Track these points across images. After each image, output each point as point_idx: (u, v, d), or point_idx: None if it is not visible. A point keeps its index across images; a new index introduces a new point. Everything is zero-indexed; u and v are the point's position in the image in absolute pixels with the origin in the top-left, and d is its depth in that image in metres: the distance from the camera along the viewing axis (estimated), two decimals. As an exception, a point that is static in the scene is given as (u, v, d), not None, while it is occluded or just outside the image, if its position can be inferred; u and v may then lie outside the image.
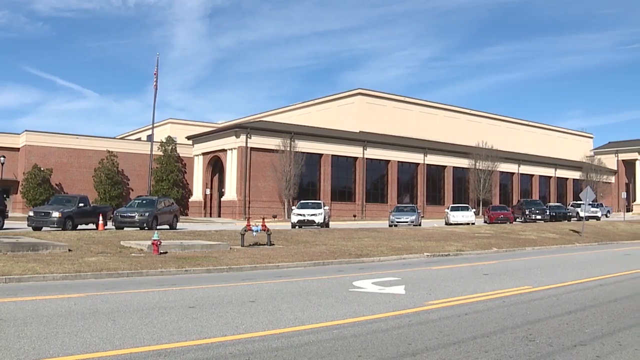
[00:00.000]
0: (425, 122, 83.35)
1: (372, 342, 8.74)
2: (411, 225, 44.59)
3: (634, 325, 10.56)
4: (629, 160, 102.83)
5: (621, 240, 43.46)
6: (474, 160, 76.76)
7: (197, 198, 70.13)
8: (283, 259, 22.04)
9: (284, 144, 62.22)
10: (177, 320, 10.17)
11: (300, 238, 30.21)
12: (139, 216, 33.21)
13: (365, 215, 68.35)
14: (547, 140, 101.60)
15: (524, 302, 12.94)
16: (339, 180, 69.36)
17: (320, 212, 41.80)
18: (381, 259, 24.40)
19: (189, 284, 15.48)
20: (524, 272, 19.86)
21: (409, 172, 75.99)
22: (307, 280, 16.80)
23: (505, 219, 52.52)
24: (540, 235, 39.61)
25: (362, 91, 79.52)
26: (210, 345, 8.35)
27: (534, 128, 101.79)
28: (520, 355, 8.18)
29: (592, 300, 13.48)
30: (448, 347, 8.57)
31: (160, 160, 68.32)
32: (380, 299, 13.12)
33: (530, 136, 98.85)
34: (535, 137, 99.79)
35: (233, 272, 19.00)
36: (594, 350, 8.54)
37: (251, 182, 62.02)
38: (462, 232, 38.49)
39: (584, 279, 17.69)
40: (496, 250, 30.39)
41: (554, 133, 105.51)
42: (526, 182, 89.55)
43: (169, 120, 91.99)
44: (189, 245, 23.83)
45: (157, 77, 52.18)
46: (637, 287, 16.02)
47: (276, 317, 10.64)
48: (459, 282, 16.53)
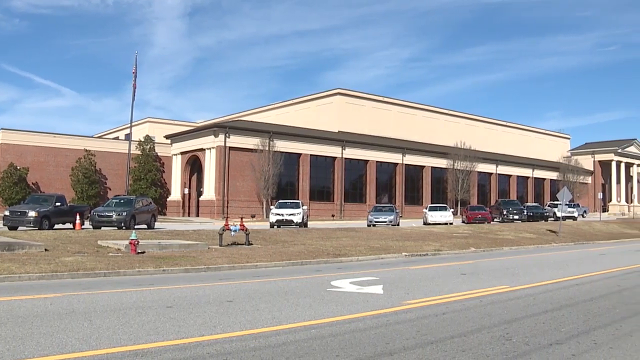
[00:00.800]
0: (404, 122, 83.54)
1: (350, 342, 8.75)
2: (389, 225, 44.70)
3: (609, 324, 10.66)
4: (605, 161, 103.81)
5: (597, 240, 43.86)
6: (453, 160, 77.07)
7: (176, 197, 69.85)
8: (261, 258, 22.01)
9: (262, 144, 62.10)
10: (154, 320, 10.13)
11: (279, 238, 30.19)
12: (117, 215, 32.99)
13: (343, 215, 68.40)
14: (525, 141, 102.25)
15: (501, 302, 13.01)
16: (318, 180, 69.39)
17: (299, 211, 41.78)
18: (359, 258, 24.43)
19: (166, 283, 15.42)
20: (502, 272, 19.98)
21: (388, 172, 76.16)
22: (285, 280, 16.79)
23: (483, 219, 52.77)
24: (517, 235, 39.87)
25: (341, 91, 79.54)
26: (188, 345, 8.32)
27: (512, 129, 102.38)
28: (497, 354, 8.23)
29: (569, 299, 13.59)
30: (426, 346, 8.60)
31: (138, 160, 67.94)
32: (358, 298, 13.14)
33: (508, 137, 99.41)
34: (513, 138, 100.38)
35: (211, 272, 18.94)
36: (570, 349, 8.61)
37: (230, 181, 61.86)
38: (440, 232, 38.65)
39: (561, 279, 17.83)
40: (474, 250, 30.54)
41: (531, 134, 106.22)
42: (504, 182, 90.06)
43: (148, 119, 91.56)
44: (167, 245, 23.74)
45: (135, 76, 51.89)
46: (612, 287, 16.17)
47: (254, 317, 10.62)
48: (437, 282, 16.60)
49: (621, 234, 51.31)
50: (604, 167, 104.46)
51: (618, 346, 8.94)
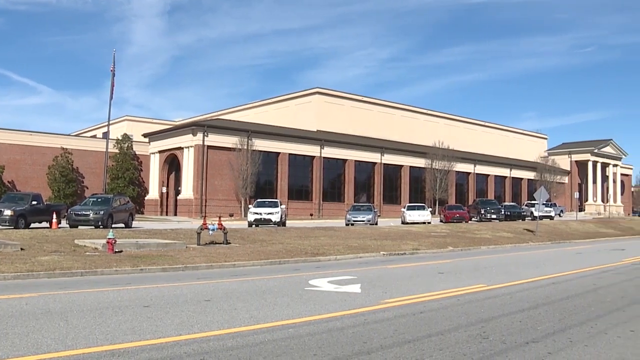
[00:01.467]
0: (382, 121, 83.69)
1: (327, 341, 8.76)
2: (368, 224, 44.78)
3: (585, 322, 10.75)
4: (581, 161, 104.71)
5: (574, 239, 44.22)
6: (431, 160, 77.32)
7: (153, 196, 69.51)
8: (239, 257, 21.97)
9: (241, 143, 61.97)
10: (131, 319, 10.08)
11: (257, 237, 30.15)
12: (94, 214, 32.80)
13: (322, 214, 68.41)
14: (502, 141, 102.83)
15: (479, 301, 13.08)
16: (296, 179, 69.36)
17: (277, 210, 41.74)
18: (337, 257, 24.45)
19: (144, 283, 15.35)
20: (479, 271, 20.08)
21: (366, 171, 76.26)
22: (263, 279, 16.77)
23: (461, 218, 53.01)
24: (495, 235, 40.10)
25: (320, 90, 79.57)
26: (165, 345, 8.29)
27: (490, 129, 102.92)
28: (474, 352, 8.27)
29: (545, 298, 13.69)
30: (403, 345, 8.62)
31: (116, 158, 67.54)
32: (336, 297, 13.15)
33: (486, 137, 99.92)
34: (491, 138, 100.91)
35: (189, 271, 18.88)
36: (546, 347, 8.68)
37: (208, 180, 61.66)
38: (419, 231, 38.76)
39: (537, 277, 17.95)
40: (452, 249, 30.67)
41: (509, 134, 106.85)
42: (482, 181, 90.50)
43: (126, 118, 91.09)
44: (145, 244, 23.63)
45: (113, 74, 51.56)
46: (587, 285, 16.31)
47: (232, 316, 10.60)
48: (415, 281, 16.66)
49: (597, 233, 51.78)
50: (581, 167, 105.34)
51: (593, 344, 9.02)
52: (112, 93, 51.76)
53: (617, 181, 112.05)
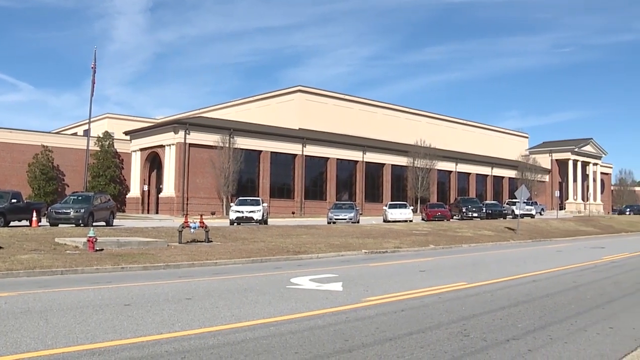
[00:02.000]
0: (364, 120, 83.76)
1: (309, 339, 8.76)
2: (349, 223, 44.82)
3: (564, 319, 10.82)
4: (562, 160, 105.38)
5: (554, 237, 44.47)
6: (413, 158, 77.52)
7: (135, 194, 69.23)
8: (221, 256, 21.93)
9: (223, 141, 61.84)
10: (112, 318, 10.03)
11: (239, 235, 30.08)
12: (75, 213, 32.57)
13: (304, 213, 68.38)
14: (484, 140, 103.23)
15: (460, 298, 13.13)
16: (278, 177, 69.29)
17: (259, 208, 41.66)
18: (319, 256, 24.46)
19: (125, 281, 15.29)
20: (460, 269, 20.15)
21: (348, 169, 76.31)
22: (244, 277, 16.75)
23: (443, 216, 53.18)
24: (476, 233, 40.24)
25: (302, 88, 79.55)
26: (146, 344, 8.25)
27: (472, 127, 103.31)
28: (455, 350, 8.31)
29: (525, 295, 13.76)
30: (384, 343, 8.64)
31: (97, 156, 67.24)
32: (318, 295, 13.16)
33: (468, 135, 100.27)
34: (473, 136, 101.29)
35: (170, 270, 18.82)
36: (526, 344, 8.73)
37: (189, 178, 61.47)
38: (400, 229, 38.83)
39: (518, 275, 18.05)
40: (433, 248, 30.75)
41: (491, 132, 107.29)
42: (463, 180, 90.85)
43: (107, 115, 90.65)
44: (126, 242, 23.52)
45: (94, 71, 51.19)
46: (568, 283, 16.41)
47: (213, 314, 10.58)
48: (396, 279, 16.70)
49: (577, 231, 52.08)
50: (561, 166, 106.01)
51: (573, 341, 9.10)
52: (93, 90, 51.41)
53: (597, 180, 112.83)
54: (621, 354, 8.40)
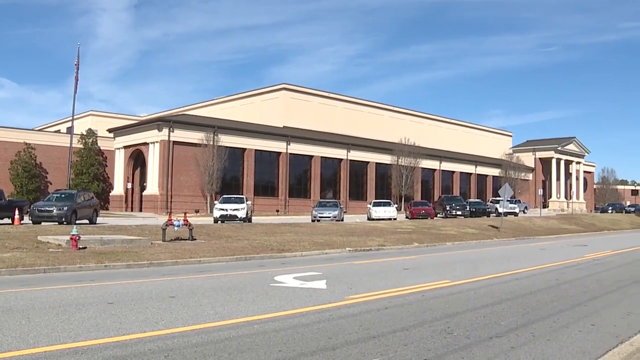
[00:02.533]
0: (349, 118, 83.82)
1: (292, 337, 8.76)
2: (334, 221, 44.84)
3: (547, 317, 10.89)
4: (545, 158, 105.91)
5: (537, 235, 44.72)
6: (397, 156, 77.66)
7: (118, 192, 68.96)
8: (205, 254, 21.88)
9: (207, 138, 61.72)
10: (95, 316, 9.99)
11: (223, 233, 30.02)
12: (57, 210, 32.38)
13: (288, 211, 68.36)
14: (468, 138, 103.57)
15: (443, 296, 13.17)
16: (262, 175, 69.19)
17: (243, 206, 41.60)
18: (303, 254, 24.46)
19: (108, 279, 15.23)
20: (444, 267, 20.22)
21: (333, 167, 76.34)
22: (228, 275, 16.73)
23: (427, 214, 53.24)
24: (460, 231, 40.37)
25: (287, 86, 79.51)
26: (129, 342, 8.22)
27: (456, 126, 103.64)
28: (439, 347, 8.34)
29: (509, 293, 13.83)
30: (368, 340, 8.66)
31: (80, 153, 66.95)
32: (302, 293, 13.16)
33: (452, 134, 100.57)
34: (457, 135, 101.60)
35: (154, 268, 18.76)
36: (509, 342, 8.78)
37: (173, 176, 61.28)
38: (384, 227, 38.90)
39: (501, 273, 18.14)
40: (417, 246, 30.83)
41: (475, 131, 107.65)
42: (447, 178, 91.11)
43: (90, 113, 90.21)
44: (109, 240, 23.41)
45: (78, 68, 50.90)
46: (550, 281, 16.50)
47: (197, 312, 10.56)
48: (380, 277, 16.72)
49: (560, 229, 52.36)
50: (545, 164, 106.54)
51: (555, 338, 9.15)
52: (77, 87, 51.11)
53: (580, 178, 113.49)
54: (602, 351, 8.46)
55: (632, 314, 11.62)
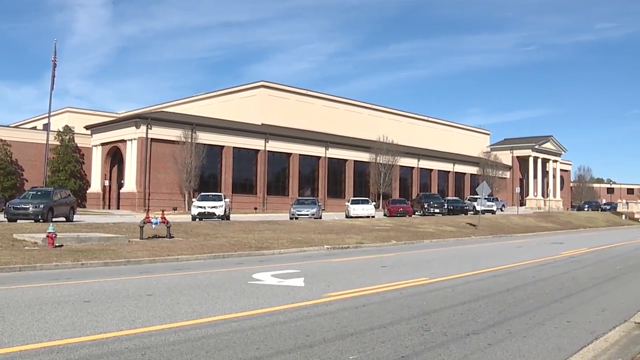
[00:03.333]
0: (327, 116, 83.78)
1: (270, 335, 8.76)
2: (312, 218, 44.81)
3: (523, 313, 10.97)
4: (522, 157, 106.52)
5: (514, 233, 45.05)
6: (375, 154, 77.71)
7: (96, 189, 68.46)
8: (182, 251, 21.83)
9: (185, 136, 61.40)
10: (71, 315, 9.92)
11: (201, 230, 29.96)
12: (34, 208, 32.12)
13: (266, 208, 68.26)
14: (446, 136, 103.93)
15: (421, 294, 13.22)
16: (241, 172, 68.98)
17: (221, 204, 41.51)
18: (281, 251, 24.48)
19: (85, 277, 15.14)
20: (422, 264, 20.31)
21: (311, 165, 76.29)
22: (206, 273, 16.70)
23: (405, 212, 53.38)
24: (438, 228, 40.56)
25: (265, 84, 79.31)
26: (106, 341, 8.17)
27: (434, 124, 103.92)
28: (416, 344, 8.36)
29: (486, 290, 13.91)
30: (345, 338, 8.67)
31: (57, 150, 66.41)
32: (279, 291, 13.16)
33: (430, 132, 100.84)
34: (435, 133, 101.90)
35: (131, 265, 18.68)
36: (486, 339, 8.84)
37: (151, 173, 60.91)
38: (362, 225, 38.98)
39: (479, 271, 18.25)
40: (395, 243, 30.93)
41: (453, 129, 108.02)
42: (425, 176, 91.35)
43: (67, 109, 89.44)
44: (86, 238, 23.28)
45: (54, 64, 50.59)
46: (527, 278, 16.62)
47: (174, 310, 10.53)
48: (358, 274, 16.76)
49: (537, 227, 52.79)
50: (522, 163, 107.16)
51: (531, 335, 9.22)
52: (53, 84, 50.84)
53: (556, 176, 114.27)
54: (578, 347, 8.54)
55: (606, 311, 11.74)
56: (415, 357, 7.74)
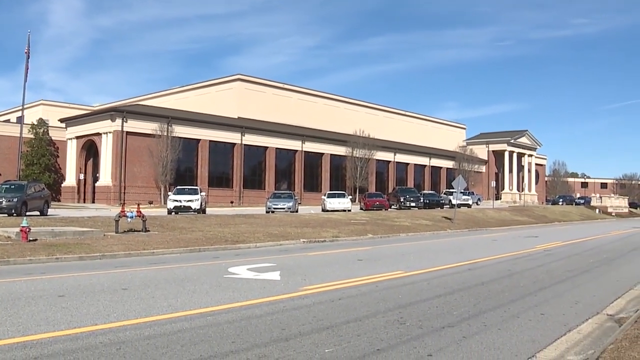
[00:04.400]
0: (304, 109, 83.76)
1: (246, 328, 8.75)
2: (288, 212, 44.79)
3: (498, 306, 11.05)
4: (498, 151, 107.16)
5: (490, 226, 45.31)
6: (352, 148, 77.83)
7: (70, 183, 67.92)
8: (158, 245, 21.74)
9: (161, 129, 61.07)
10: (45, 310, 9.85)
11: (176, 224, 29.83)
12: (7, 202, 31.76)
13: (242, 202, 68.14)
14: (422, 130, 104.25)
15: (396, 287, 13.27)
16: (217, 166, 68.76)
17: (197, 198, 41.38)
18: (258, 245, 24.45)
19: (59, 272, 15.02)
20: (398, 258, 20.38)
21: (287, 158, 76.21)
22: (182, 266, 16.64)
23: (381, 206, 53.46)
24: (414, 222, 40.69)
25: (242, 77, 79.10)
26: (80, 335, 8.13)
27: (411, 118, 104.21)
28: (392, 337, 8.40)
29: (461, 283, 14.00)
30: (321, 331, 8.69)
31: (31, 144, 65.84)
32: (255, 285, 13.15)
33: (406, 126, 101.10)
34: (412, 127, 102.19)
35: (106, 260, 18.57)
36: (461, 331, 8.90)
37: (127, 167, 60.53)
38: (339, 218, 39.02)
39: (454, 264, 18.35)
40: (371, 237, 31.01)
41: (429, 123, 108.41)
42: (402, 170, 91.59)
43: (41, 102, 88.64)
44: (61, 232, 23.09)
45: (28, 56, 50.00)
46: (502, 271, 16.74)
47: (149, 304, 10.49)
48: (334, 268, 16.79)
49: (512, 221, 53.13)
50: (498, 157, 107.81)
51: (506, 327, 9.30)
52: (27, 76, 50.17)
53: (532, 171, 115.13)
54: (551, 339, 8.64)
55: (579, 303, 11.87)
56: (390, 349, 7.78)
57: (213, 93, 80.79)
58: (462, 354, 7.74)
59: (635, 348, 7.43)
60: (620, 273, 17.71)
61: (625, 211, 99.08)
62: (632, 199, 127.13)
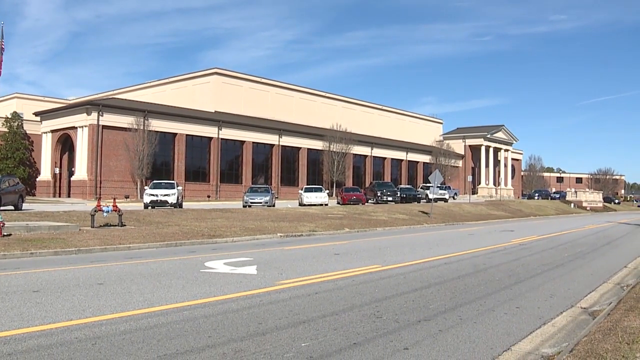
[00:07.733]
0: (281, 103, 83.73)
1: (222, 323, 8.74)
2: (265, 206, 44.76)
3: (474, 300, 11.12)
4: (475, 146, 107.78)
5: (466, 221, 45.53)
6: (329, 142, 77.89)
7: (46, 177, 67.37)
8: (134, 240, 21.63)
9: (137, 123, 60.72)
10: (19, 305, 9.77)
11: (153, 219, 29.70)
12: (-19, 196, 31.50)
13: (219, 196, 67.98)
14: (399, 125, 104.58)
15: (373, 281, 13.31)
16: (194, 160, 68.55)
17: (174, 192, 41.22)
18: (234, 239, 24.41)
19: (34, 267, 14.90)
20: (374, 252, 20.41)
21: (264, 153, 76.11)
22: (158, 261, 16.56)
23: (358, 200, 53.63)
24: (391, 216, 40.81)
25: (219, 71, 78.87)
26: (55, 331, 8.07)
27: (388, 112, 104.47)
28: (368, 331, 8.43)
29: (437, 277, 14.06)
30: (298, 325, 8.70)
31: (4, 137, 65.29)
32: (232, 279, 13.13)
33: (384, 120, 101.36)
34: (389, 121, 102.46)
35: (82, 254, 18.45)
36: (437, 325, 8.94)
37: (103, 161, 60.14)
38: (316, 213, 39.04)
39: (431, 258, 18.43)
40: (348, 231, 31.06)
41: (406, 118, 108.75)
42: (379, 164, 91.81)
43: (16, 95, 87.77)
44: (36, 227, 22.91)
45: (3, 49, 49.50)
46: (478, 265, 16.84)
47: (125, 299, 10.43)
48: (311, 262, 16.80)
49: (488, 215, 53.47)
50: (474, 152, 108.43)
51: (481, 321, 9.36)
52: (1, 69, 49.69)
53: (508, 165, 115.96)
54: (526, 332, 8.73)
55: (554, 296, 11.97)
56: (367, 343, 7.81)
57: (190, 87, 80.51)
58: (438, 347, 7.78)
59: (608, 340, 7.52)
60: (594, 267, 17.89)
61: (599, 206, 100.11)
62: (607, 193, 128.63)
